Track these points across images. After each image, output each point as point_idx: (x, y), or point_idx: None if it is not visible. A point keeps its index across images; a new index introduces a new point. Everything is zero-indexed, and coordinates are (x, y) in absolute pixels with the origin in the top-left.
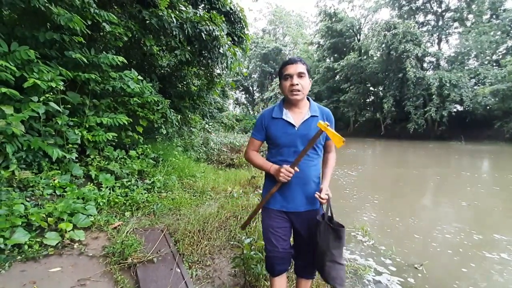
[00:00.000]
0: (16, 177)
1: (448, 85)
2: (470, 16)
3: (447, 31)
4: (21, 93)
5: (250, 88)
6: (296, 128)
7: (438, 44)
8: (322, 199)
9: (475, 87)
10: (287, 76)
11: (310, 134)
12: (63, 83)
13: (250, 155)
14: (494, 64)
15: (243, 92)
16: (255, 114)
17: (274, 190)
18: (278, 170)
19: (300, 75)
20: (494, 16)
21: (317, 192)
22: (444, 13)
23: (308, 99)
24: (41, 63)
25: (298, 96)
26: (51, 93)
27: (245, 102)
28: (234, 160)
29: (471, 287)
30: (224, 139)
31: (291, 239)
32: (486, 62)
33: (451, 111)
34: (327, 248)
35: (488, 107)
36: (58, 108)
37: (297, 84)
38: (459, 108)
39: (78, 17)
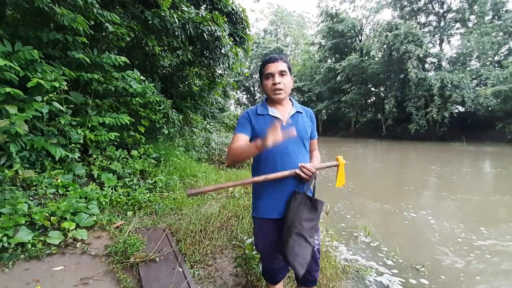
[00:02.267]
0: (19, 176)
1: (449, 86)
2: (472, 17)
3: (449, 32)
4: (25, 93)
5: (252, 88)
6: (283, 124)
7: (440, 45)
8: (310, 170)
9: (477, 88)
10: (268, 75)
11: (297, 130)
12: (66, 83)
13: (232, 148)
14: (496, 65)
15: (244, 93)
16: None
17: (262, 178)
18: (268, 134)
19: (281, 73)
20: (496, 17)
21: (302, 164)
22: (446, 14)
23: (290, 99)
24: (45, 63)
25: (281, 95)
26: (55, 93)
27: (247, 102)
28: None
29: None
30: (225, 139)
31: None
32: (488, 63)
33: (453, 112)
34: (296, 219)
35: (490, 108)
36: (61, 108)
37: (280, 83)
38: (461, 109)
39: (81, 18)
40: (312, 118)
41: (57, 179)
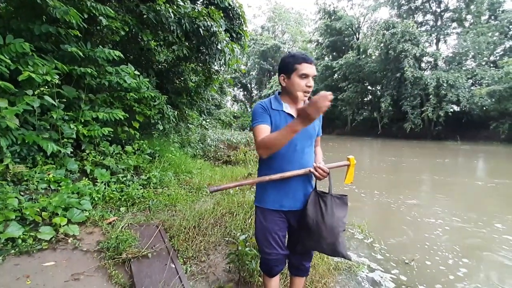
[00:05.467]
0: (10, 171)
1: (445, 85)
2: (469, 17)
3: (446, 31)
4: (16, 86)
5: (248, 85)
6: None
7: (436, 44)
8: (325, 171)
9: (472, 88)
10: (304, 75)
11: (307, 129)
12: (58, 76)
13: (264, 139)
14: (491, 65)
15: (241, 89)
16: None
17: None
18: (313, 101)
19: (314, 77)
20: (492, 17)
21: (317, 165)
22: (443, 13)
23: None
24: (36, 56)
25: (307, 98)
26: (46, 87)
27: (243, 99)
28: (231, 157)
29: (462, 279)
30: (221, 136)
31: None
32: (483, 63)
33: (448, 111)
34: (336, 220)
35: (484, 108)
36: (53, 102)
37: (312, 86)
38: (456, 108)
39: (74, 10)
40: (320, 117)
41: (49, 174)
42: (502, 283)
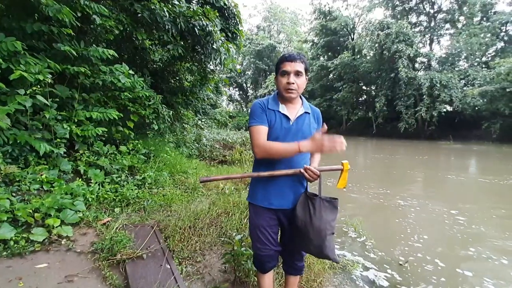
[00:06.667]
0: (1, 172)
1: (438, 85)
2: (461, 18)
3: (439, 32)
4: (7, 86)
5: (244, 85)
6: (291, 123)
7: (430, 45)
8: (315, 174)
9: (465, 88)
10: (284, 73)
11: (302, 130)
12: (51, 76)
13: (267, 144)
14: (483, 66)
15: (236, 89)
16: (249, 111)
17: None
18: (321, 141)
19: (297, 73)
20: (484, 19)
21: (308, 167)
22: (436, 14)
23: (300, 97)
24: (29, 55)
25: (292, 95)
26: (39, 86)
27: (239, 99)
28: (227, 156)
29: (456, 276)
30: (216, 135)
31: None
32: (475, 64)
33: (441, 111)
34: (324, 223)
35: (476, 108)
36: (46, 102)
37: (293, 83)
38: (449, 108)
39: (67, 9)
40: (318, 119)
41: (41, 175)
42: (496, 283)
